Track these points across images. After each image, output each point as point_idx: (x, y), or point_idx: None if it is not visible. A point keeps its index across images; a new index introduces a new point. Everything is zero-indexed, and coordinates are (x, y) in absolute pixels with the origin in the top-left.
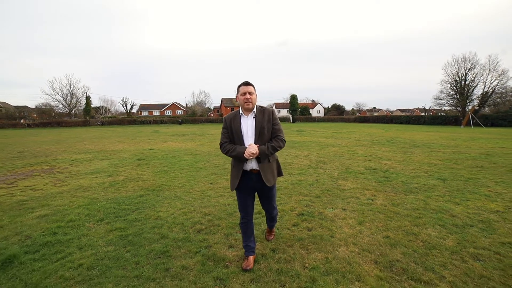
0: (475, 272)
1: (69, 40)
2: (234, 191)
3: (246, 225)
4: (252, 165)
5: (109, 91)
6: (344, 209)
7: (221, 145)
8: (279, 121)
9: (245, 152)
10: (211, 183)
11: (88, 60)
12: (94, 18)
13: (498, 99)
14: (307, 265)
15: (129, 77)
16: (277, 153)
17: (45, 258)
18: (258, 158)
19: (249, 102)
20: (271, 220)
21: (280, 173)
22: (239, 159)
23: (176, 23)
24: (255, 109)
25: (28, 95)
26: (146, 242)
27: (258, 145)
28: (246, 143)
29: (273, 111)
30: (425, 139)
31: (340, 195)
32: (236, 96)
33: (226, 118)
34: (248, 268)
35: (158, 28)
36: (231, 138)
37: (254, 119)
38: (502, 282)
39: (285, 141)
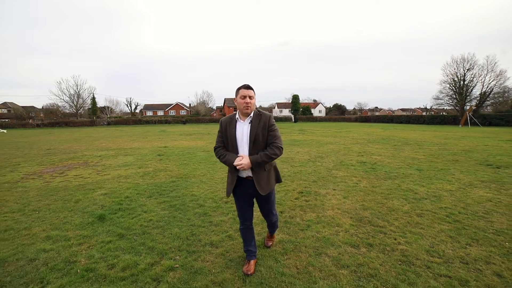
0: (414, 221)
1: (70, 41)
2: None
3: (245, 231)
4: (247, 172)
5: (112, 91)
6: (334, 189)
7: (215, 149)
8: (276, 127)
9: (234, 162)
10: (227, 173)
11: (91, 61)
12: (94, 19)
13: (500, 98)
14: (304, 219)
15: (131, 78)
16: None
17: (124, 217)
18: (252, 168)
19: (248, 106)
20: (270, 225)
21: (278, 180)
22: (230, 166)
23: (179, 24)
24: (252, 114)
25: (29, 96)
26: (189, 208)
27: (249, 156)
28: (241, 150)
29: (270, 117)
30: (419, 137)
31: (332, 180)
32: (235, 99)
33: (222, 121)
34: (249, 273)
35: (160, 28)
36: (226, 143)
37: (250, 124)
38: (428, 225)
39: (282, 148)
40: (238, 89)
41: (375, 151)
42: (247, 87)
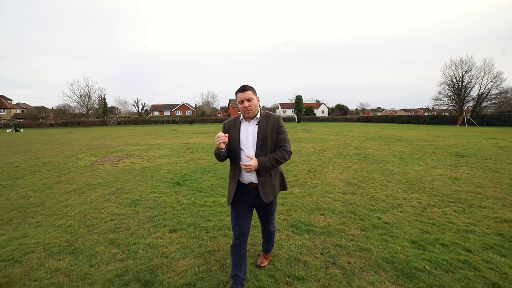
0: (384, 184)
1: (71, 41)
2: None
3: (237, 248)
4: (251, 178)
5: (116, 91)
6: (333, 169)
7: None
8: (286, 130)
9: (241, 163)
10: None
11: (92, 61)
12: (96, 20)
13: (503, 99)
14: (313, 183)
15: (133, 78)
16: (282, 165)
17: (193, 183)
18: (258, 171)
19: (249, 110)
20: (267, 237)
21: (284, 187)
22: (233, 170)
23: (180, 24)
24: (258, 115)
25: (35, 96)
26: None
27: (255, 157)
28: (244, 153)
29: (279, 118)
30: (413, 135)
31: (332, 164)
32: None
33: (225, 123)
34: None
35: (161, 29)
36: (228, 146)
37: (257, 126)
38: (393, 186)
39: (291, 152)
40: (236, 93)
41: (370, 146)
42: (243, 89)
